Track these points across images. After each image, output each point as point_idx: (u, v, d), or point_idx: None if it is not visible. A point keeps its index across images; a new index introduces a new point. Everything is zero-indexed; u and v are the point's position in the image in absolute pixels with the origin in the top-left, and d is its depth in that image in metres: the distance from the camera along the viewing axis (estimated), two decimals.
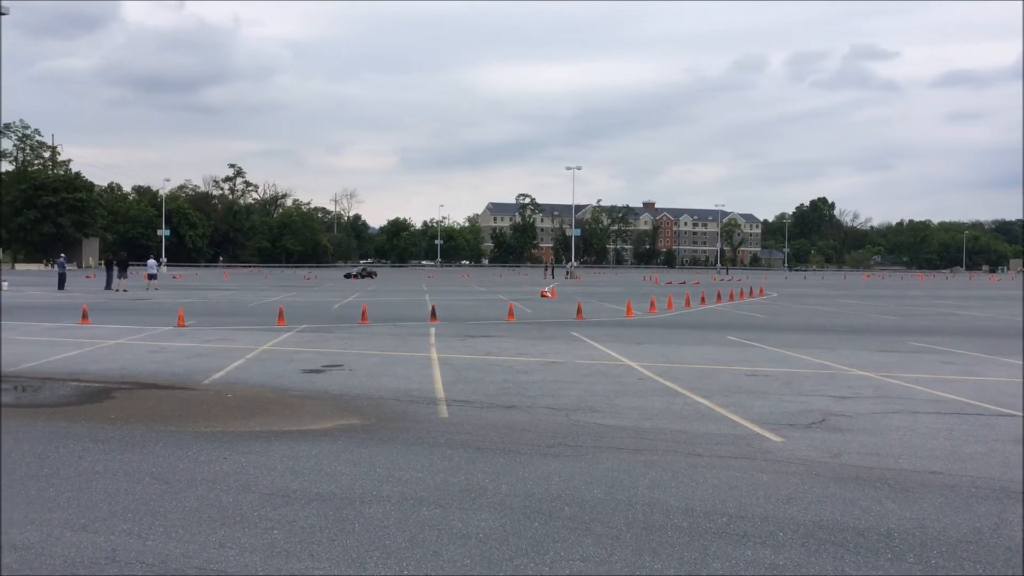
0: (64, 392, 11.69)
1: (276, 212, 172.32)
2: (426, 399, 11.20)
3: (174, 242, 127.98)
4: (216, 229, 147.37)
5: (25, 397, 11.43)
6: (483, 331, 21.61)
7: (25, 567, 4.99)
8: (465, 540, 5.56)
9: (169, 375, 13.26)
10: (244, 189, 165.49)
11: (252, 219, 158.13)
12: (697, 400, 11.27)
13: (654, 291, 47.92)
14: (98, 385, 12.21)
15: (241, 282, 63.66)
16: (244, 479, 7.04)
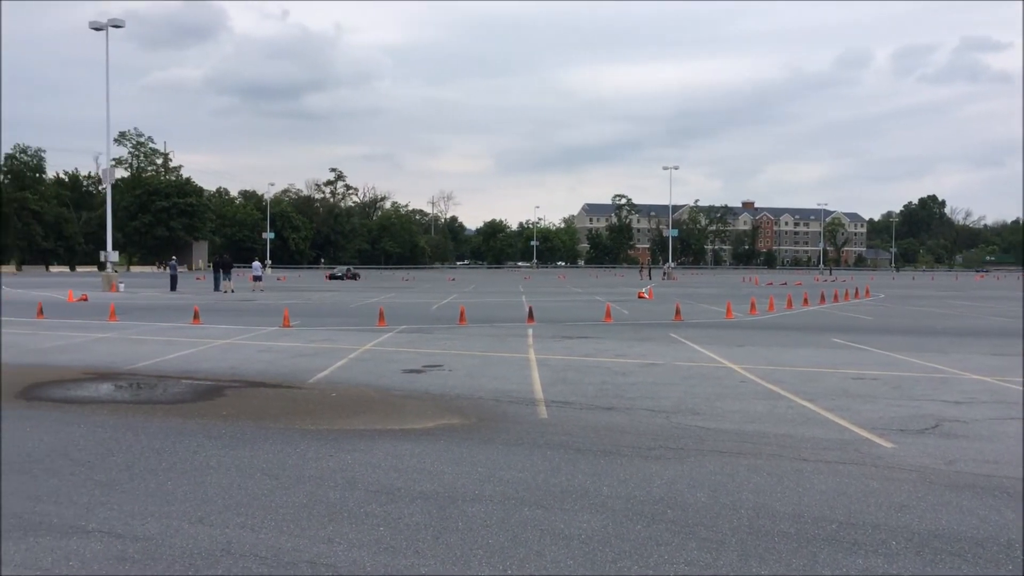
0: (178, 390, 12.17)
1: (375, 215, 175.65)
2: (525, 400, 11.25)
3: (278, 244, 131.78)
4: (318, 232, 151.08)
5: (142, 394, 11.94)
6: (580, 332, 21.57)
7: (147, 556, 5.21)
8: (568, 541, 5.57)
9: (276, 374, 13.65)
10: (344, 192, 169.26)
11: (352, 222, 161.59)
12: (802, 404, 11.01)
13: (754, 292, 47.01)
14: (210, 383, 12.66)
15: (342, 283, 65.10)
16: (350, 476, 7.20)
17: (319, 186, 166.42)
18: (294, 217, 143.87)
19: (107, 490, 6.69)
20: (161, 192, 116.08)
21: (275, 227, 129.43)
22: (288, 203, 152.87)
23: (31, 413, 10.06)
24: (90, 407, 10.59)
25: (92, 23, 45.82)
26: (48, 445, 8.30)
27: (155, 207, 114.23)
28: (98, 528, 5.75)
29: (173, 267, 49.39)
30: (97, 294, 40.66)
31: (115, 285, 44.86)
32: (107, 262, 49.03)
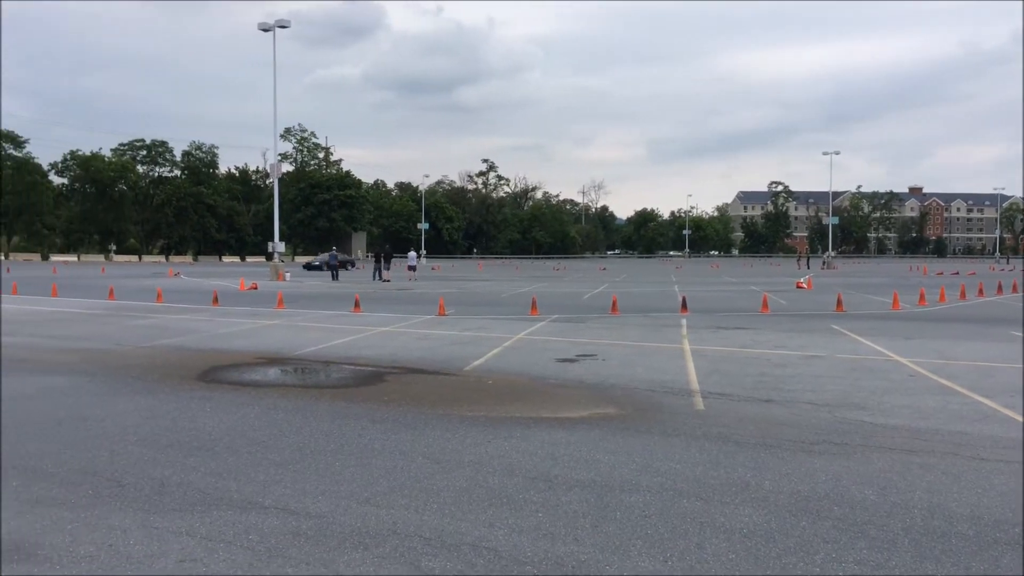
0: (342, 375, 12.67)
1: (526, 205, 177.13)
2: (681, 390, 11.11)
3: (432, 235, 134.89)
4: (470, 222, 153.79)
5: (309, 378, 12.51)
6: (736, 323, 21.08)
7: (319, 533, 5.47)
8: (729, 535, 5.47)
9: (433, 361, 14.01)
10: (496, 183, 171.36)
11: (504, 212, 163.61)
12: (978, 400, 10.38)
13: (923, 282, 44.62)
14: (371, 369, 13.13)
15: (494, 273, 66.08)
16: (508, 462, 7.32)
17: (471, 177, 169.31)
18: (447, 208, 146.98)
19: (281, 469, 7.06)
20: (323, 185, 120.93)
21: (429, 218, 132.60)
22: (442, 194, 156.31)
23: (210, 395, 10.72)
24: (262, 390, 11.18)
25: (260, 24, 48.14)
26: (227, 425, 8.83)
27: (317, 199, 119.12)
28: (274, 504, 6.07)
29: (334, 257, 51.47)
30: (266, 283, 42.85)
31: (282, 274, 47.12)
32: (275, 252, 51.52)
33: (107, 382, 11.62)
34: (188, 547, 5.19)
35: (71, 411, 9.52)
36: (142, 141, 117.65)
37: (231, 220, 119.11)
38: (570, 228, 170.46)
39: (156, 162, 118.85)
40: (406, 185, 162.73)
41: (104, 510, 5.91)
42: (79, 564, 4.90)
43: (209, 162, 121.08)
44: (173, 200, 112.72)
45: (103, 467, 7.07)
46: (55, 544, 5.22)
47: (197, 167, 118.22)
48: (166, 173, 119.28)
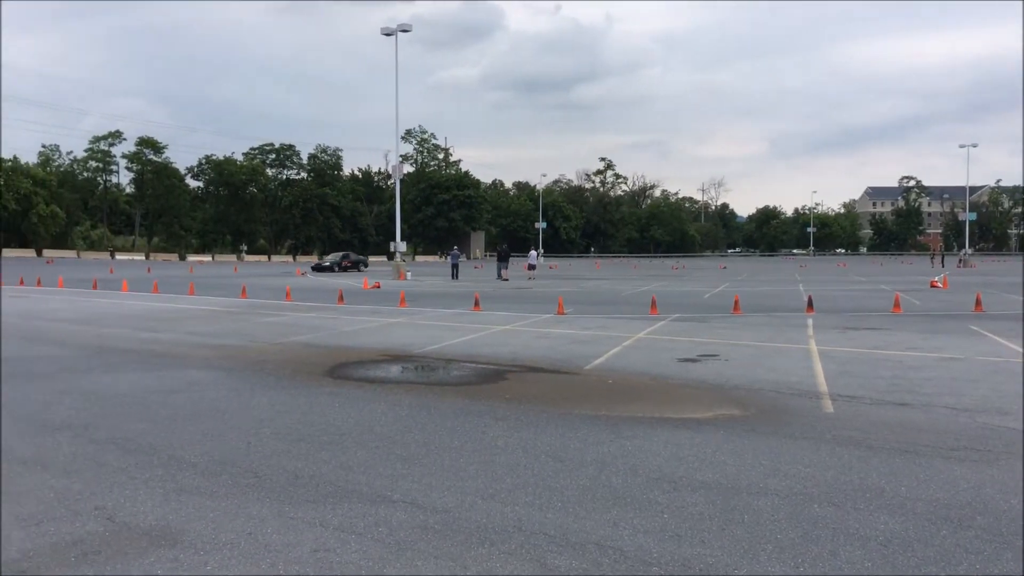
0: (463, 373, 12.85)
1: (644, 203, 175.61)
2: (808, 392, 10.80)
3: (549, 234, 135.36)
4: (588, 221, 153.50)
5: (432, 376, 12.73)
6: (865, 323, 20.34)
7: (446, 527, 5.56)
8: (864, 542, 5.28)
9: (553, 360, 14.04)
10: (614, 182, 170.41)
11: (621, 210, 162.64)
12: None
13: None
14: (492, 367, 13.26)
15: (612, 272, 65.77)
16: (631, 462, 7.27)
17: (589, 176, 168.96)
18: (565, 207, 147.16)
19: (408, 464, 7.21)
20: (442, 185, 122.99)
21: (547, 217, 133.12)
22: (559, 193, 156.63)
23: (338, 390, 11.04)
24: (388, 386, 11.45)
25: (383, 29, 49.37)
26: (355, 420, 9.07)
27: (437, 200, 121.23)
28: (402, 498, 6.21)
29: (455, 256, 52.32)
30: (388, 282, 43.86)
31: (403, 273, 48.13)
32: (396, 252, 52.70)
33: (242, 377, 12.13)
34: (322, 537, 5.36)
35: (210, 404, 9.97)
36: (271, 145, 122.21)
37: (354, 220, 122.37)
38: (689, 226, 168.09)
39: (284, 165, 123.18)
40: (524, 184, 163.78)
41: (242, 500, 6.17)
42: (221, 551, 5.13)
43: (334, 164, 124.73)
44: (300, 201, 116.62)
45: (240, 458, 7.38)
46: (199, 531, 5.48)
47: (322, 169, 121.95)
48: (293, 175, 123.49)
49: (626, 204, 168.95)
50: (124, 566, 4.88)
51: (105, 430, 8.51)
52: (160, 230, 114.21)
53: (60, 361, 13.63)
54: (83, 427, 8.64)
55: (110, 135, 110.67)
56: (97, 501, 6.09)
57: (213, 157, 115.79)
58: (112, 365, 13.25)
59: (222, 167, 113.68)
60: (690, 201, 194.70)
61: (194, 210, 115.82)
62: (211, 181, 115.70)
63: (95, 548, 5.16)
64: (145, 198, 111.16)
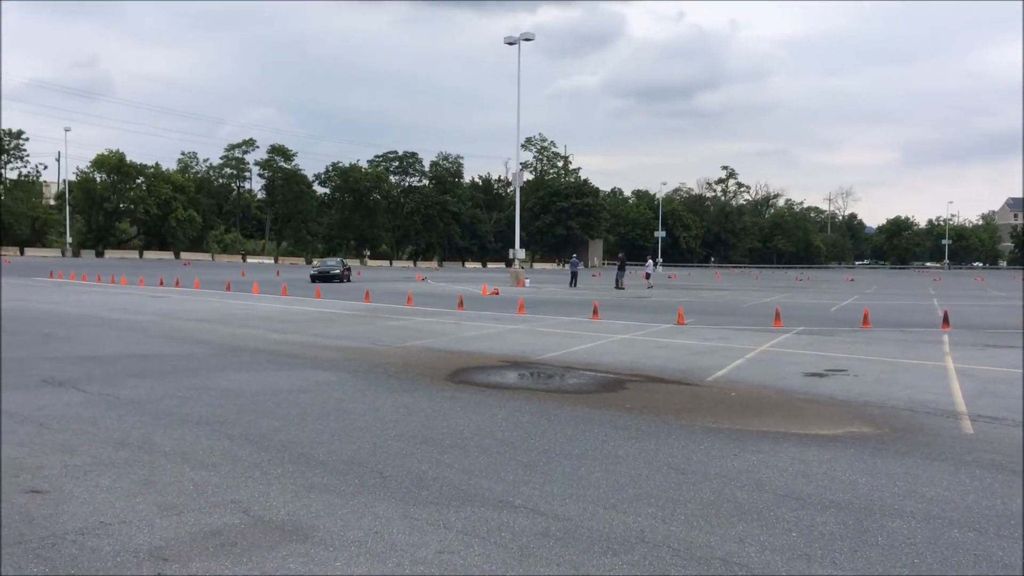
0: (583, 381, 12.81)
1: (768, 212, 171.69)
2: (945, 412, 10.31)
3: (669, 243, 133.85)
4: (708, 230, 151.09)
5: (552, 383, 12.74)
6: (1007, 341, 19.30)
7: (568, 535, 5.55)
8: (1009, 569, 5.01)
9: (674, 370, 13.85)
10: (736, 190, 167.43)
11: (744, 220, 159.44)
12: None
13: None
14: (612, 376, 13.18)
15: (733, 282, 64.48)
16: (756, 478, 7.10)
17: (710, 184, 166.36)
18: (685, 216, 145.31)
19: (529, 470, 7.23)
20: (561, 193, 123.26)
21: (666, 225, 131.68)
22: (679, 202, 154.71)
23: (459, 395, 11.18)
24: (508, 392, 11.52)
25: (507, 39, 49.81)
26: (476, 425, 9.17)
27: (555, 207, 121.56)
28: (523, 504, 6.23)
29: (574, 264, 52.40)
30: (506, 288, 44.21)
31: (522, 280, 48.45)
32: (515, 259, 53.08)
33: (367, 379, 12.43)
34: (446, 540, 5.44)
35: (337, 404, 10.26)
36: (395, 153, 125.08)
37: (474, 227, 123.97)
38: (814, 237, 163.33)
39: (407, 172, 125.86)
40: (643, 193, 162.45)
41: (369, 499, 6.31)
42: (349, 548, 5.26)
43: (455, 171, 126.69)
44: (421, 208, 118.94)
45: (367, 458, 7.56)
46: (328, 528, 5.63)
47: (443, 176, 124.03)
48: (415, 183, 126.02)
49: (748, 213, 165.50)
50: (259, 559, 5.06)
51: (239, 426, 8.87)
52: (288, 234, 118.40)
53: (196, 359, 14.28)
54: (219, 423, 9.02)
55: (244, 143, 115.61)
56: (233, 494, 6.35)
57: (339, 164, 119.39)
58: (244, 364, 13.80)
59: (347, 174, 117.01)
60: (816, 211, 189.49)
61: (320, 215, 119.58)
62: (337, 188, 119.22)
63: (231, 540, 5.37)
64: (275, 203, 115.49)
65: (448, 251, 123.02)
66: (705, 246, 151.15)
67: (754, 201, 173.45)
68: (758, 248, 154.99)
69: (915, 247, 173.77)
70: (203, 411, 9.65)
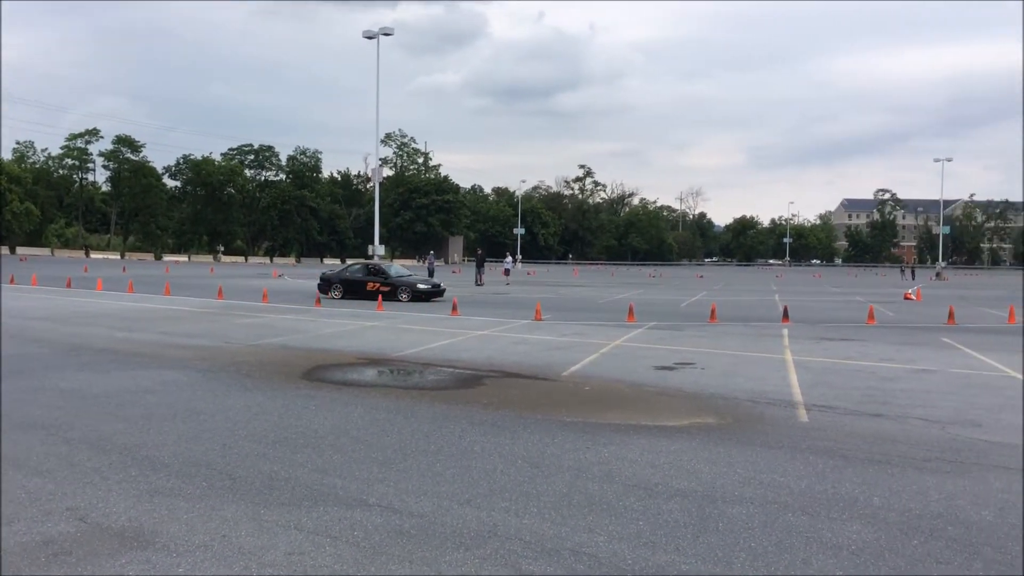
0: (441, 377, 12.83)
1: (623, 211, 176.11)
2: (783, 402, 10.88)
3: (528, 240, 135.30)
4: (566, 227, 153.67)
5: (410, 380, 12.70)
6: (840, 334, 20.52)
7: (421, 532, 5.55)
8: (837, 551, 5.33)
9: (530, 366, 14.05)
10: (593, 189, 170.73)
11: (600, 218, 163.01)
12: None
13: None
14: (470, 372, 13.25)
15: (589, 279, 65.88)
16: (607, 469, 7.29)
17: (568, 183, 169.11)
18: (543, 213, 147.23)
19: (384, 468, 7.19)
20: (421, 190, 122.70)
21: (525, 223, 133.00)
22: (538, 199, 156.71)
23: (315, 393, 10.99)
24: (365, 390, 11.41)
25: (365, 32, 49.09)
26: (331, 423, 9.04)
27: (415, 204, 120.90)
28: (377, 502, 6.19)
29: (430, 260, 52.38)
30: None
31: None
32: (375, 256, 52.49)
33: (218, 378, 12.05)
34: (296, 541, 5.34)
35: (186, 405, 9.90)
36: (250, 146, 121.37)
37: (332, 223, 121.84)
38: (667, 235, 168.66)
39: (263, 166, 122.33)
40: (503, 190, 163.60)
41: (216, 502, 6.13)
42: (194, 553, 5.09)
43: (313, 166, 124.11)
44: (278, 203, 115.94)
45: (215, 460, 7.33)
46: (172, 533, 5.44)
47: (301, 171, 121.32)
48: (272, 177, 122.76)
49: (605, 212, 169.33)
50: (96, 567, 4.83)
51: (78, 429, 8.43)
52: (136, 229, 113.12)
53: (32, 359, 13.48)
54: (56, 426, 8.55)
55: (87, 133, 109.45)
56: (69, 501, 6.04)
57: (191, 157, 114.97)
58: (86, 364, 13.12)
59: (200, 167, 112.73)
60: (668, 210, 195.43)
61: (171, 210, 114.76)
62: (189, 181, 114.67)
63: (66, 548, 5.11)
64: (121, 197, 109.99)
65: (306, 247, 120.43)
66: (563, 243, 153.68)
67: (610, 200, 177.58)
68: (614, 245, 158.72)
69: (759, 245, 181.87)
70: (39, 414, 9.13)
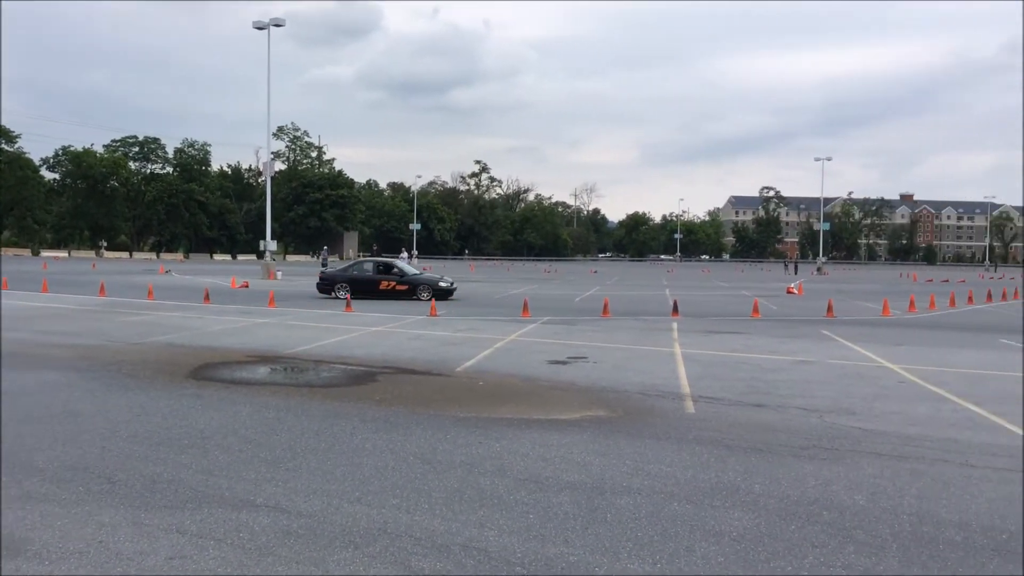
0: (333, 374, 12.67)
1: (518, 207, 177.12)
2: (672, 394, 11.14)
3: (424, 235, 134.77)
4: (462, 223, 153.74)
5: (301, 377, 12.49)
6: (727, 327, 21.15)
7: (309, 532, 5.47)
8: (719, 538, 5.50)
9: (424, 362, 14.01)
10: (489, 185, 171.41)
11: (496, 213, 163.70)
12: (968, 407, 10.44)
13: (913, 289, 44.81)
14: (363, 369, 13.12)
15: (485, 274, 66.05)
16: (499, 463, 7.33)
17: (464, 178, 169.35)
18: (440, 208, 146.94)
19: (272, 467, 7.06)
20: (315, 184, 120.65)
21: (421, 218, 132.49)
22: (434, 195, 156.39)
23: (201, 392, 10.70)
24: (254, 388, 11.17)
25: (255, 23, 47.98)
26: (218, 423, 8.82)
27: (309, 199, 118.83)
28: (265, 503, 6.07)
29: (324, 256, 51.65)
30: (257, 281, 42.75)
31: (273, 273, 47.04)
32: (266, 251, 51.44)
33: (99, 378, 11.60)
34: (178, 544, 5.19)
35: (63, 407, 9.50)
36: (135, 138, 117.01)
37: (223, 218, 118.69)
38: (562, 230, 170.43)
39: (148, 159, 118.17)
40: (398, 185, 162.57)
41: (94, 506, 5.90)
42: (68, 560, 4.90)
43: (201, 159, 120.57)
44: (165, 197, 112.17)
45: (94, 463, 7.06)
46: (45, 540, 5.21)
47: (189, 164, 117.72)
48: (158, 170, 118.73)
49: (500, 207, 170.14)
50: None
51: None
52: (11, 224, 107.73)
53: None
54: None
55: None
56: None
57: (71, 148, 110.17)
58: None
59: (80, 159, 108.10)
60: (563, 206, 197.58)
61: (49, 203, 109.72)
62: (68, 173, 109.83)
63: None
64: None
65: (195, 243, 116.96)
66: (459, 238, 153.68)
67: (506, 195, 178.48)
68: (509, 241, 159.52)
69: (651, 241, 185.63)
70: None
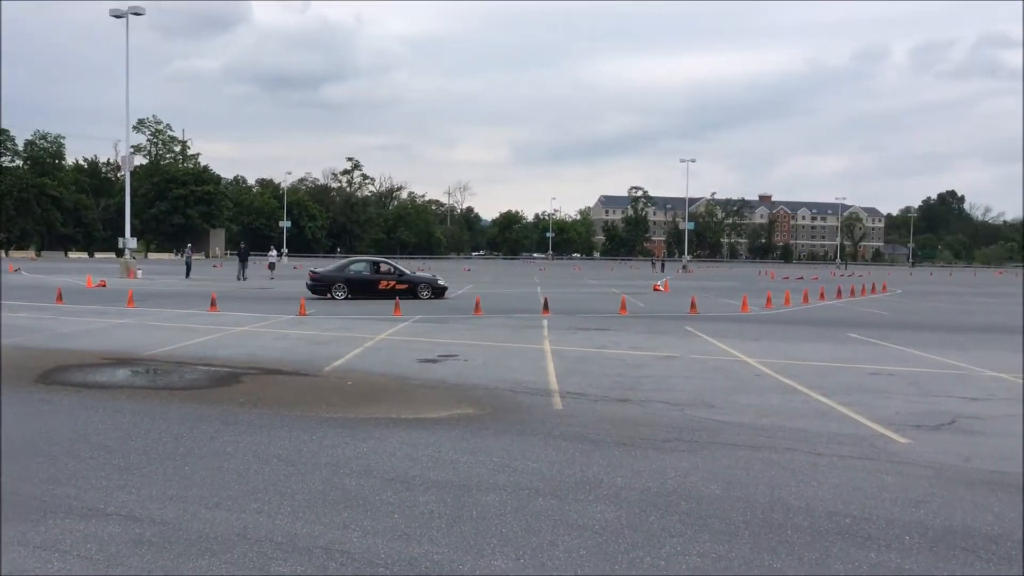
0: (196, 376, 12.26)
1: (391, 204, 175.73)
2: (540, 391, 11.28)
3: (294, 233, 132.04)
4: (334, 221, 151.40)
5: (160, 380, 12.03)
6: (596, 324, 21.57)
7: (164, 540, 5.27)
8: (581, 531, 5.59)
9: (291, 362, 13.72)
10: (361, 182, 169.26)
11: (368, 211, 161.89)
12: (817, 398, 10.99)
13: (770, 286, 46.82)
14: (227, 370, 12.75)
15: None
16: (365, 464, 7.25)
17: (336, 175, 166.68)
18: (311, 206, 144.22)
19: (126, 474, 6.77)
20: (178, 180, 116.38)
21: (292, 216, 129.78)
22: (305, 192, 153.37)
23: (51, 397, 10.17)
24: (109, 392, 10.69)
25: (112, 11, 45.91)
26: (68, 429, 8.39)
27: (172, 195, 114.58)
28: (116, 511, 5.82)
29: (188, 254, 49.95)
30: (115, 280, 40.93)
31: (133, 272, 45.17)
32: (125, 249, 49.31)
33: None
34: (20, 558, 4.91)
35: None
36: None
37: (78, 214, 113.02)
38: (435, 229, 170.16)
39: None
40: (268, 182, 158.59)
41: None
42: None
43: (55, 152, 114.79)
44: (14, 191, 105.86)
45: None
46: None
47: (41, 157, 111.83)
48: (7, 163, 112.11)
49: (373, 205, 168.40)
50: None
51: None
52: None
53: None
54: None
55: None
56: None
57: None
58: None
59: None
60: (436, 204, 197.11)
61: None
62: None
63: None
64: None
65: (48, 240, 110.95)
66: (331, 236, 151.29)
67: (379, 193, 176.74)
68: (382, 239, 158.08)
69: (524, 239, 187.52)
70: None
